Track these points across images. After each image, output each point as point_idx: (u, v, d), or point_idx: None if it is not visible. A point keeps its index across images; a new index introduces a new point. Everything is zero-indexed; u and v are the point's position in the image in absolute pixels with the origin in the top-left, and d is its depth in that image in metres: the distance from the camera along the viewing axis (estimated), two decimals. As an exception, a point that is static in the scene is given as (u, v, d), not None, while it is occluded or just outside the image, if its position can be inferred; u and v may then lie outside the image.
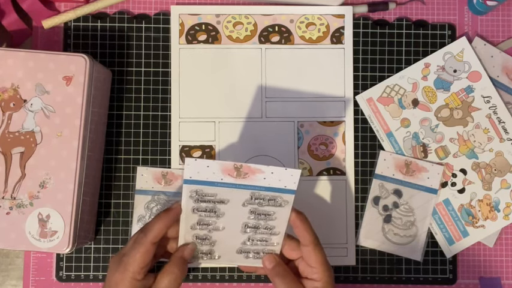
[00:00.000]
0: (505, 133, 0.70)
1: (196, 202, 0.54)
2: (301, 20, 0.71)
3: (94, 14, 0.72)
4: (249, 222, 0.56)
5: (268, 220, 0.55)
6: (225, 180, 0.53)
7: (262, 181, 0.53)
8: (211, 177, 0.53)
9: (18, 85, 0.62)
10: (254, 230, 0.56)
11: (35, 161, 0.62)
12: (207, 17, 0.71)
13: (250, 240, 0.56)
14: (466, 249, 0.71)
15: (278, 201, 0.55)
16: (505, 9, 0.73)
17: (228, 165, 0.53)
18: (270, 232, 0.56)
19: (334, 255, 0.70)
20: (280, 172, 0.53)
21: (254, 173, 0.53)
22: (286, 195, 0.54)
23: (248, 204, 0.55)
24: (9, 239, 0.61)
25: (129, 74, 0.71)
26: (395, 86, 0.71)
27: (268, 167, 0.53)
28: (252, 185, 0.54)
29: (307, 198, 0.70)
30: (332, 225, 0.70)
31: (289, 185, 0.54)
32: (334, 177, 0.71)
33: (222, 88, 0.71)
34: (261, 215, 0.55)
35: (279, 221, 0.55)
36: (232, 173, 0.53)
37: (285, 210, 0.55)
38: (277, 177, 0.53)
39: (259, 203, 0.55)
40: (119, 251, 0.56)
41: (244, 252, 0.57)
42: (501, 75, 0.71)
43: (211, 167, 0.53)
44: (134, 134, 0.71)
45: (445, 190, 0.70)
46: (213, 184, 0.54)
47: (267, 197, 0.54)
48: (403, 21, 0.72)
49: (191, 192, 0.54)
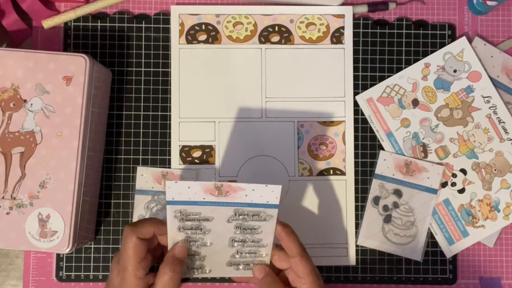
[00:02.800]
0: (505, 133, 0.70)
1: (181, 221, 0.55)
2: (301, 20, 0.71)
3: (94, 14, 0.72)
4: (236, 236, 0.56)
5: (254, 234, 0.56)
6: (207, 199, 0.54)
7: (244, 198, 0.54)
8: (194, 197, 0.54)
9: (18, 85, 0.62)
10: (242, 243, 0.56)
11: (35, 161, 0.62)
12: (207, 17, 0.71)
13: (239, 253, 0.57)
14: (466, 249, 0.71)
15: (262, 216, 0.55)
16: (505, 9, 0.73)
17: (209, 185, 0.53)
18: (258, 244, 0.56)
19: (334, 255, 0.70)
20: (261, 189, 0.53)
21: (235, 191, 0.53)
22: (270, 210, 0.55)
23: (233, 220, 0.55)
24: (9, 239, 0.61)
25: (129, 74, 0.71)
26: (395, 86, 0.71)
27: (248, 185, 0.53)
28: (235, 202, 0.54)
29: (307, 198, 0.70)
30: (332, 225, 0.70)
31: (272, 200, 0.54)
32: (334, 177, 0.71)
33: (222, 88, 0.71)
34: (246, 229, 0.56)
35: (265, 234, 0.56)
36: (213, 192, 0.53)
37: (269, 224, 0.55)
38: (259, 193, 0.54)
39: (244, 218, 0.55)
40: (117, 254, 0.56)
41: (235, 264, 0.57)
42: (501, 75, 0.71)
43: (192, 188, 0.53)
44: (134, 134, 0.71)
45: (445, 190, 0.70)
46: (196, 203, 0.54)
47: (250, 212, 0.55)
48: (403, 21, 0.72)
49: (175, 212, 0.54)
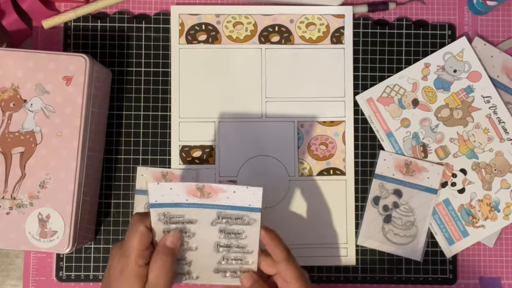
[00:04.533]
0: (505, 133, 0.70)
1: (165, 224, 0.55)
2: (301, 20, 0.71)
3: (94, 14, 0.72)
4: (220, 241, 0.56)
5: (239, 239, 0.55)
6: (190, 201, 0.54)
7: (226, 200, 0.53)
8: (176, 199, 0.53)
9: (18, 85, 0.62)
10: (227, 249, 0.56)
11: (35, 161, 0.62)
12: (207, 17, 0.71)
13: (225, 260, 0.56)
14: (466, 249, 0.71)
15: (245, 220, 0.55)
16: (505, 9, 0.73)
17: (191, 186, 0.53)
18: (243, 251, 0.56)
19: (334, 255, 0.70)
20: (242, 191, 0.53)
21: (216, 192, 0.53)
22: (253, 214, 0.54)
23: (216, 223, 0.55)
24: (9, 239, 0.61)
25: (129, 74, 0.71)
26: (395, 86, 0.71)
27: (229, 186, 0.53)
28: (217, 205, 0.54)
29: (307, 198, 0.70)
30: (332, 225, 0.70)
31: (254, 203, 0.53)
32: (334, 177, 0.71)
33: (222, 88, 0.71)
34: (230, 234, 0.55)
35: (250, 240, 0.55)
36: (196, 194, 0.53)
37: (254, 229, 0.55)
38: (240, 196, 0.53)
39: (227, 221, 0.55)
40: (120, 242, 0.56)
41: (221, 271, 0.57)
42: (501, 75, 0.71)
43: (174, 189, 0.53)
44: (134, 134, 0.71)
45: (445, 190, 0.70)
46: (179, 205, 0.54)
47: (233, 216, 0.54)
48: (403, 21, 0.72)
49: (159, 215, 0.54)
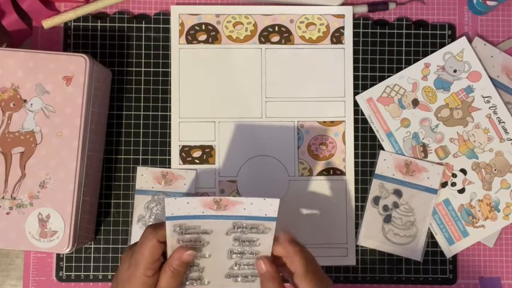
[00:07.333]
0: (505, 133, 0.70)
1: (180, 235, 0.55)
2: (301, 20, 0.71)
3: (94, 14, 0.72)
4: (234, 248, 0.56)
5: (252, 246, 0.56)
6: (206, 213, 0.54)
7: (243, 211, 0.54)
8: (193, 212, 0.54)
9: (18, 85, 0.62)
10: (240, 255, 0.57)
11: (35, 161, 0.62)
12: (207, 17, 0.71)
13: (238, 265, 0.57)
14: (466, 249, 0.71)
15: (260, 229, 0.55)
16: (505, 9, 0.73)
17: (208, 200, 0.53)
18: (256, 256, 0.57)
19: (334, 255, 0.70)
20: (260, 202, 0.54)
21: (234, 204, 0.54)
22: (268, 223, 0.55)
23: (231, 232, 0.55)
24: (9, 239, 0.61)
25: (129, 74, 0.71)
26: (395, 86, 0.71)
27: (247, 199, 0.54)
28: (233, 215, 0.54)
29: (307, 198, 0.70)
30: (332, 225, 0.70)
31: (270, 213, 0.54)
32: (334, 177, 0.71)
33: (222, 88, 0.71)
34: (245, 241, 0.56)
35: (263, 247, 0.56)
36: (212, 206, 0.54)
37: (268, 236, 0.56)
38: (257, 207, 0.54)
39: (242, 231, 0.55)
40: (131, 247, 0.56)
41: (233, 276, 0.58)
42: (501, 75, 0.71)
43: (191, 203, 0.53)
44: (134, 134, 0.71)
45: (445, 190, 0.70)
46: (195, 218, 0.54)
47: (249, 225, 0.55)
48: (403, 21, 0.72)
49: (174, 227, 0.54)
